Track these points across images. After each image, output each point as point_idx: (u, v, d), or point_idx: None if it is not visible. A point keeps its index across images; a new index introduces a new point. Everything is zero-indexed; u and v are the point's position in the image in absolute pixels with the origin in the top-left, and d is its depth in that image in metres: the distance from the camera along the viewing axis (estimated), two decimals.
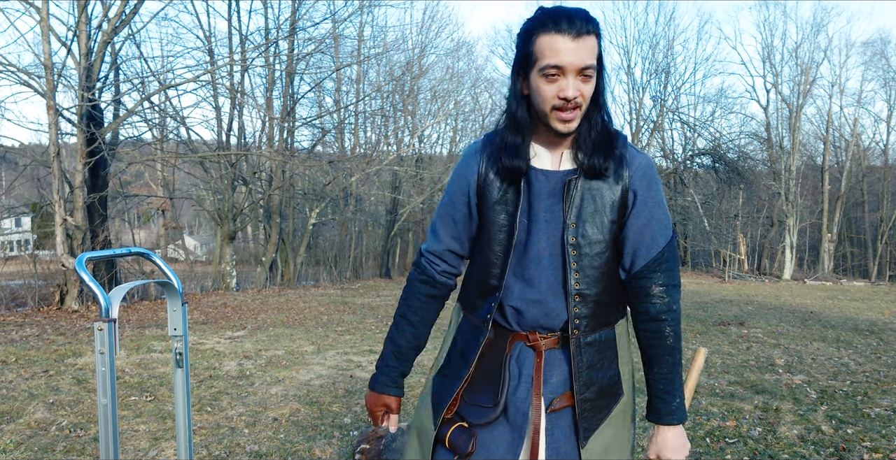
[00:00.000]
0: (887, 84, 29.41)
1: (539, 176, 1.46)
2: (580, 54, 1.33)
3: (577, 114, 1.38)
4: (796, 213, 25.90)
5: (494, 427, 1.47)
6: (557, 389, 1.47)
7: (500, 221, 1.48)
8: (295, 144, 19.83)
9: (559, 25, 1.32)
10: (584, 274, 1.44)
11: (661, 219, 1.46)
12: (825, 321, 9.32)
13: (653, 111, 26.60)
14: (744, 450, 3.51)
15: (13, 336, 7.37)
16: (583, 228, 1.43)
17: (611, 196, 1.44)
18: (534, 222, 1.46)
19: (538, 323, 1.47)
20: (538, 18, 1.37)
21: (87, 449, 3.50)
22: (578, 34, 1.32)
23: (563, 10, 1.35)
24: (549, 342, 1.47)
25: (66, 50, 11.20)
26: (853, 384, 5.09)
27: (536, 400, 1.45)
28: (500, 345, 1.50)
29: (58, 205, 9.96)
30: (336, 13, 17.74)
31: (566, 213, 1.44)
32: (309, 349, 6.66)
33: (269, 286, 16.61)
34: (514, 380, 1.48)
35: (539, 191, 1.46)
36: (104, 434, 1.56)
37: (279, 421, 4.07)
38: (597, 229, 1.44)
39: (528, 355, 1.48)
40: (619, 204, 1.44)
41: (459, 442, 1.48)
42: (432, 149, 27.01)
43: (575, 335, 1.45)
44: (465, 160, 1.54)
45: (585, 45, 1.33)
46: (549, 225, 1.45)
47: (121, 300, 1.58)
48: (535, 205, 1.46)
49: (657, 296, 1.45)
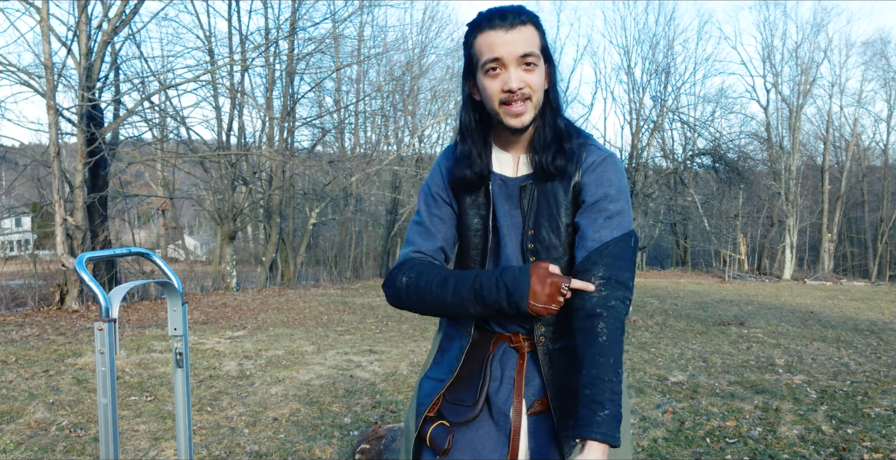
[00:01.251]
0: (887, 84, 29.43)
1: (498, 182, 1.48)
2: (516, 44, 1.34)
3: (527, 105, 1.37)
4: (796, 213, 25.89)
5: (480, 426, 1.47)
6: (539, 391, 1.46)
7: (474, 225, 1.49)
8: (295, 144, 19.84)
9: (492, 22, 1.34)
10: None
11: (610, 212, 1.39)
12: (825, 321, 9.32)
13: (653, 111, 26.59)
14: (744, 450, 3.51)
15: (13, 336, 7.37)
16: (539, 234, 1.43)
17: (564, 198, 1.42)
18: (500, 227, 1.47)
19: (517, 326, 1.47)
20: (474, 21, 1.39)
21: (87, 449, 3.50)
22: (512, 25, 1.33)
23: (496, 8, 1.37)
24: (530, 344, 1.46)
25: (66, 50, 11.21)
26: (853, 384, 5.09)
27: (517, 402, 1.44)
28: (484, 346, 1.50)
29: (58, 205, 9.96)
30: (336, 13, 17.75)
31: (524, 220, 1.44)
32: (309, 349, 6.66)
33: (269, 286, 16.61)
34: (496, 381, 1.47)
35: (499, 196, 1.47)
36: (104, 434, 1.56)
37: (279, 421, 4.07)
38: (553, 234, 1.42)
39: (511, 356, 1.48)
40: (571, 205, 1.43)
41: (438, 439, 1.47)
42: (432, 149, 27.00)
43: (542, 342, 1.43)
44: (438, 165, 1.56)
45: (521, 34, 1.34)
46: (512, 230, 1.46)
47: (121, 300, 1.58)
48: (498, 212, 1.47)
49: (594, 290, 1.32)
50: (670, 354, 6.43)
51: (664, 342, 7.30)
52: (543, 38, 1.39)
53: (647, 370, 5.62)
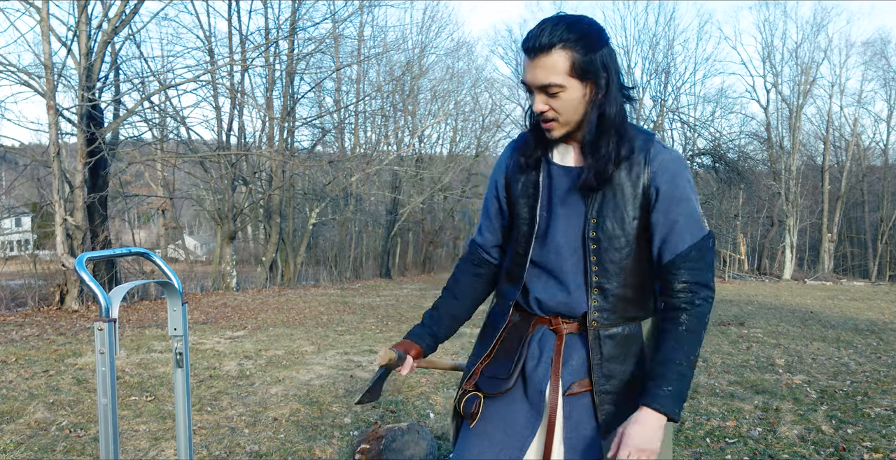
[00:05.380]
0: (887, 84, 29.45)
1: (560, 171, 1.52)
2: (536, 74, 1.39)
3: (553, 125, 1.44)
4: (796, 213, 25.91)
5: (513, 400, 1.54)
6: (577, 372, 1.51)
7: (523, 214, 1.55)
8: (295, 144, 19.83)
9: (524, 45, 1.41)
10: (602, 268, 1.47)
11: (688, 216, 1.46)
12: (825, 321, 9.32)
13: (653, 111, 26.59)
14: (744, 450, 3.51)
15: (13, 336, 7.37)
16: (603, 223, 1.47)
17: (632, 192, 1.46)
18: (554, 216, 1.51)
19: (559, 311, 1.52)
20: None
21: (87, 449, 3.50)
22: (535, 53, 1.38)
23: (529, 32, 1.41)
24: (572, 327, 1.52)
25: (66, 50, 11.20)
26: (853, 384, 5.09)
27: (554, 382, 1.49)
28: (524, 328, 1.57)
29: (58, 205, 9.96)
30: (336, 13, 17.74)
31: (588, 208, 1.48)
32: (309, 349, 6.66)
33: (269, 286, 16.61)
34: (533, 360, 1.53)
35: (559, 186, 1.51)
36: (104, 434, 1.56)
37: (279, 421, 4.07)
38: (617, 224, 1.46)
39: (550, 338, 1.54)
40: (641, 199, 1.46)
41: (467, 406, 1.57)
42: (432, 149, 27.05)
43: (594, 326, 1.49)
44: (500, 157, 1.65)
45: (543, 63, 1.38)
46: (570, 219, 1.50)
47: (121, 300, 1.58)
48: (554, 200, 1.52)
49: (680, 292, 1.44)
50: None
51: None
52: (583, 56, 1.38)
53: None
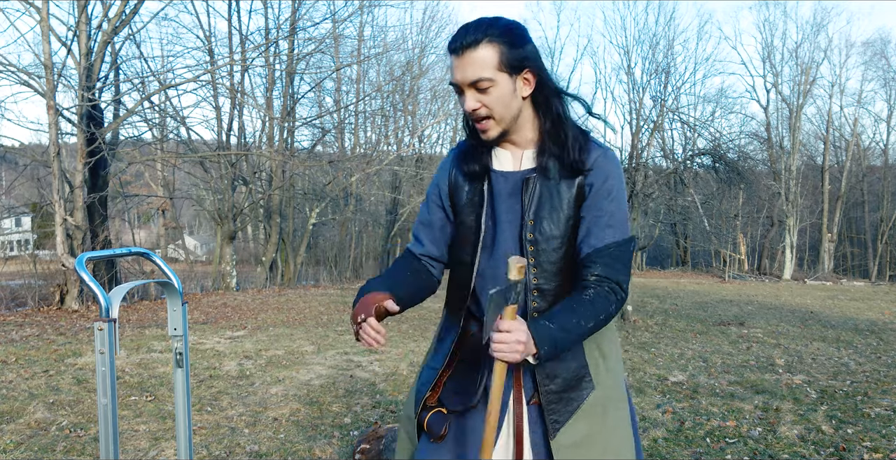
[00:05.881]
0: (887, 84, 29.42)
1: (499, 178, 1.52)
2: (465, 71, 1.40)
3: (489, 123, 1.44)
4: (796, 213, 25.89)
5: (479, 414, 1.51)
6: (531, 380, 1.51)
7: (469, 223, 1.55)
8: (295, 144, 19.82)
9: (450, 45, 1.42)
10: (541, 269, 1.48)
11: (612, 214, 1.45)
12: (825, 321, 9.32)
13: (653, 111, 26.57)
14: (744, 450, 3.51)
15: (13, 336, 7.37)
16: (540, 225, 1.47)
17: (567, 192, 1.47)
18: (498, 223, 1.52)
19: None
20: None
21: (87, 449, 3.50)
22: (462, 50, 1.39)
23: (456, 32, 1.42)
24: None
25: (66, 50, 11.20)
26: (853, 384, 5.09)
27: (517, 392, 1.49)
28: (479, 337, 1.54)
29: (58, 205, 9.96)
30: (336, 13, 17.73)
31: (524, 211, 1.48)
32: (309, 349, 6.66)
33: (269, 286, 16.60)
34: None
35: (500, 192, 1.52)
36: (104, 434, 1.56)
37: (279, 421, 4.07)
38: (554, 225, 1.47)
39: None
40: (574, 199, 1.47)
41: (435, 425, 1.53)
42: (432, 149, 27.00)
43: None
44: (440, 167, 1.64)
45: (470, 59, 1.39)
46: (512, 224, 1.50)
47: (121, 300, 1.58)
48: (497, 207, 1.52)
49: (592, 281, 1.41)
50: (670, 354, 6.43)
51: (664, 342, 7.30)
52: (509, 49, 1.39)
53: (647, 370, 5.62)
